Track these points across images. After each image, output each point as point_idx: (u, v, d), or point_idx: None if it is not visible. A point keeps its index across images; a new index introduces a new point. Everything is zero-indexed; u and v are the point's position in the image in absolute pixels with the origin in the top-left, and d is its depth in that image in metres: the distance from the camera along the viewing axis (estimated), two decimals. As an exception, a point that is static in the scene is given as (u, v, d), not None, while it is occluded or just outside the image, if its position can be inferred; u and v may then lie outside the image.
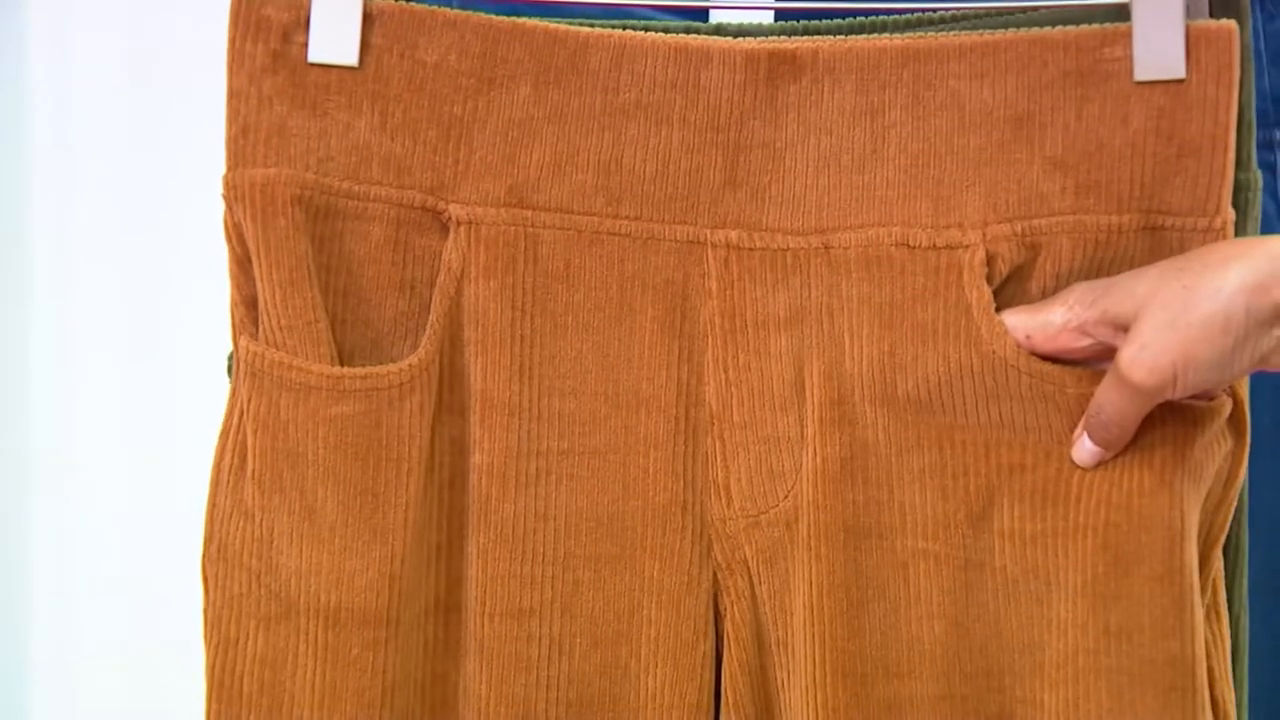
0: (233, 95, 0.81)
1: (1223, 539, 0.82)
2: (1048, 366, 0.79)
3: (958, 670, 0.81)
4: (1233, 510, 0.83)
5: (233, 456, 0.83)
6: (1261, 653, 0.98)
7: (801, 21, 0.84)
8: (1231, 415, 0.81)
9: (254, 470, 0.82)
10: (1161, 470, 0.79)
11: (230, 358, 0.84)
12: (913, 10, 0.84)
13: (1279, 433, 0.99)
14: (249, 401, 0.82)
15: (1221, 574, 0.83)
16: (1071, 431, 0.80)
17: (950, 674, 0.81)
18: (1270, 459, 0.99)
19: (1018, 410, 0.80)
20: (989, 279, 0.81)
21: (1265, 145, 1.01)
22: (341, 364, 0.82)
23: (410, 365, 0.81)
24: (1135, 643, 0.79)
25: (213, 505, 0.83)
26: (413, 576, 0.83)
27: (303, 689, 0.82)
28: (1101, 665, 0.79)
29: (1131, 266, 0.80)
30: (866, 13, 0.84)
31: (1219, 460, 0.81)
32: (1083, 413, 0.79)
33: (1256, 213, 0.83)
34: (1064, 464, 0.80)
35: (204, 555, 0.83)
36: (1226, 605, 0.83)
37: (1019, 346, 0.79)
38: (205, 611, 0.83)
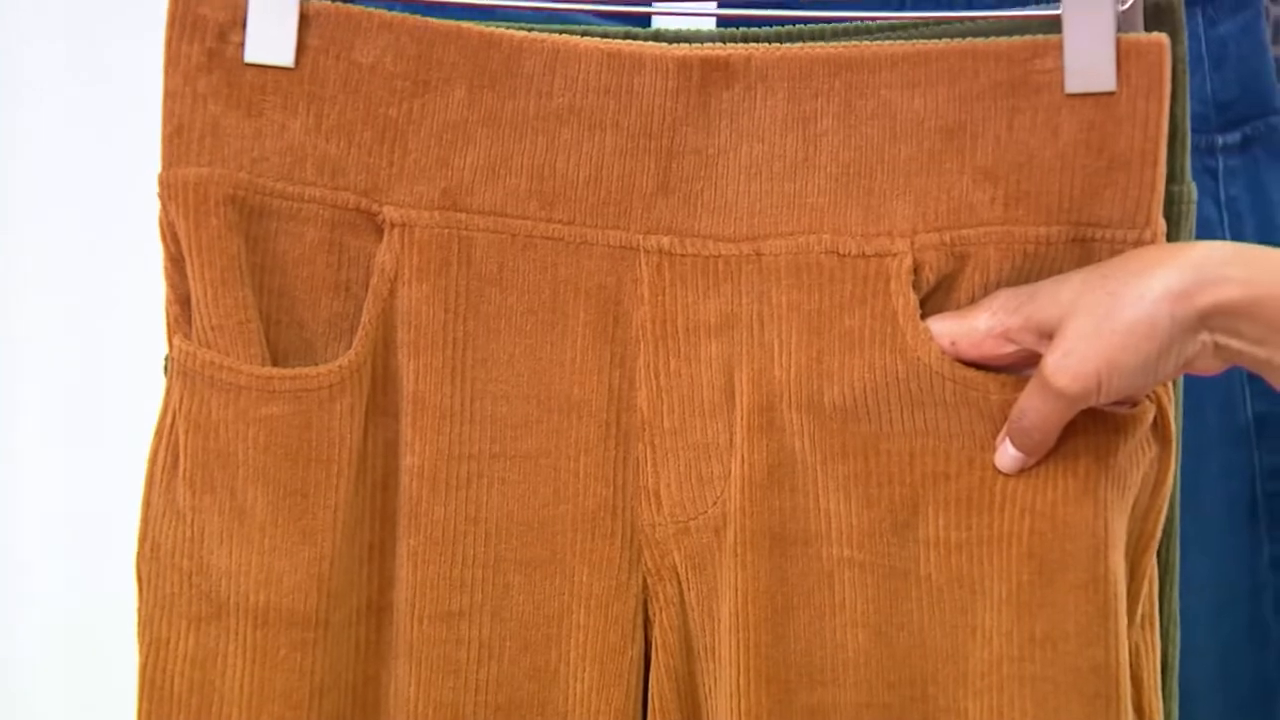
0: (168, 94, 0.81)
1: (1154, 546, 0.83)
2: (971, 373, 0.80)
3: (881, 679, 0.82)
4: (1162, 518, 0.83)
5: (166, 456, 0.83)
6: (1208, 659, 0.99)
7: (740, 29, 0.84)
8: (1155, 422, 0.81)
9: (185, 470, 0.82)
10: (1085, 478, 0.79)
11: (167, 358, 0.84)
12: (849, 19, 0.84)
13: (1225, 436, 0.99)
14: (181, 401, 0.82)
15: (1156, 582, 0.83)
16: (995, 438, 0.80)
17: (874, 682, 0.82)
18: (1216, 463, 1.00)
19: (942, 417, 0.80)
20: (916, 287, 0.81)
21: (1207, 150, 1.01)
22: (275, 365, 0.82)
23: (341, 366, 0.82)
24: (1060, 650, 0.79)
25: (147, 505, 0.83)
26: (343, 578, 0.83)
27: (232, 689, 0.82)
28: (1026, 673, 0.79)
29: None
30: (803, 20, 0.84)
31: (1144, 467, 0.81)
32: (1006, 419, 0.79)
33: (1191, 224, 0.83)
34: (987, 472, 0.80)
35: (138, 555, 0.83)
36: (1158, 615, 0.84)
37: (943, 353, 0.80)
38: (139, 611, 0.83)
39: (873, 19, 0.84)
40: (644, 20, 0.92)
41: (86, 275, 1.42)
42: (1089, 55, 0.79)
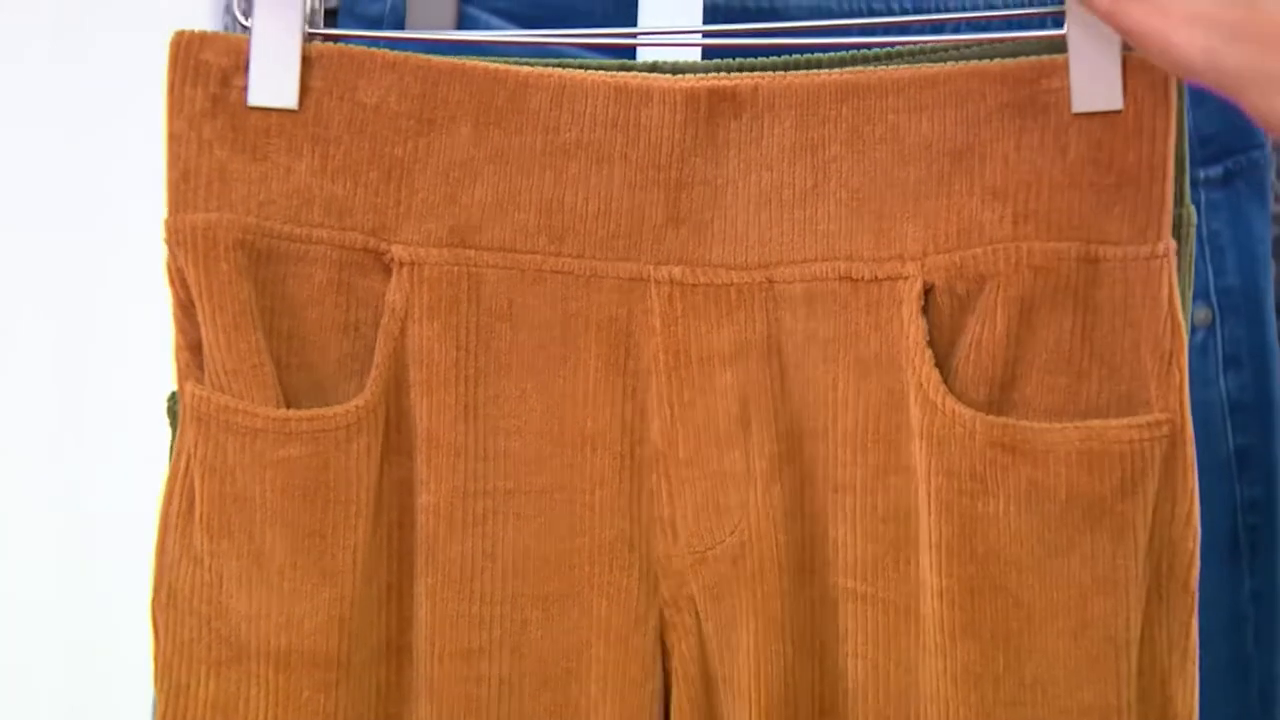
0: (173, 139, 0.81)
1: (1190, 580, 0.81)
2: (961, 407, 0.79)
3: (877, 713, 0.82)
4: (1190, 550, 0.81)
5: (180, 501, 0.82)
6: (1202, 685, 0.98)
7: (737, 59, 0.84)
8: (1169, 455, 0.80)
9: (202, 515, 0.82)
10: (1073, 530, 0.78)
11: (171, 399, 0.84)
12: (847, 47, 0.84)
13: (1206, 469, 0.99)
14: (196, 446, 0.82)
15: (1194, 616, 0.82)
16: (975, 482, 0.79)
17: (870, 716, 0.82)
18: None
19: (935, 452, 0.80)
20: (928, 310, 0.81)
21: (1189, 184, 1.01)
22: (287, 407, 0.81)
23: (357, 407, 0.81)
24: (1049, 694, 0.79)
25: (161, 551, 0.83)
26: (362, 618, 0.82)
27: None
28: (1016, 716, 0.79)
29: (1072, 297, 0.80)
30: (797, 49, 0.84)
31: (1148, 504, 0.79)
32: (988, 463, 0.78)
33: (1191, 249, 0.83)
34: (968, 521, 0.79)
35: (153, 602, 0.82)
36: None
37: (940, 383, 0.79)
38: (155, 658, 0.82)
39: (875, 45, 0.84)
40: (630, 53, 0.92)
41: (83, 322, 1.41)
42: (1095, 74, 0.79)
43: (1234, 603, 1.04)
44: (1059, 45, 0.80)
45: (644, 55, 0.90)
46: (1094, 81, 0.79)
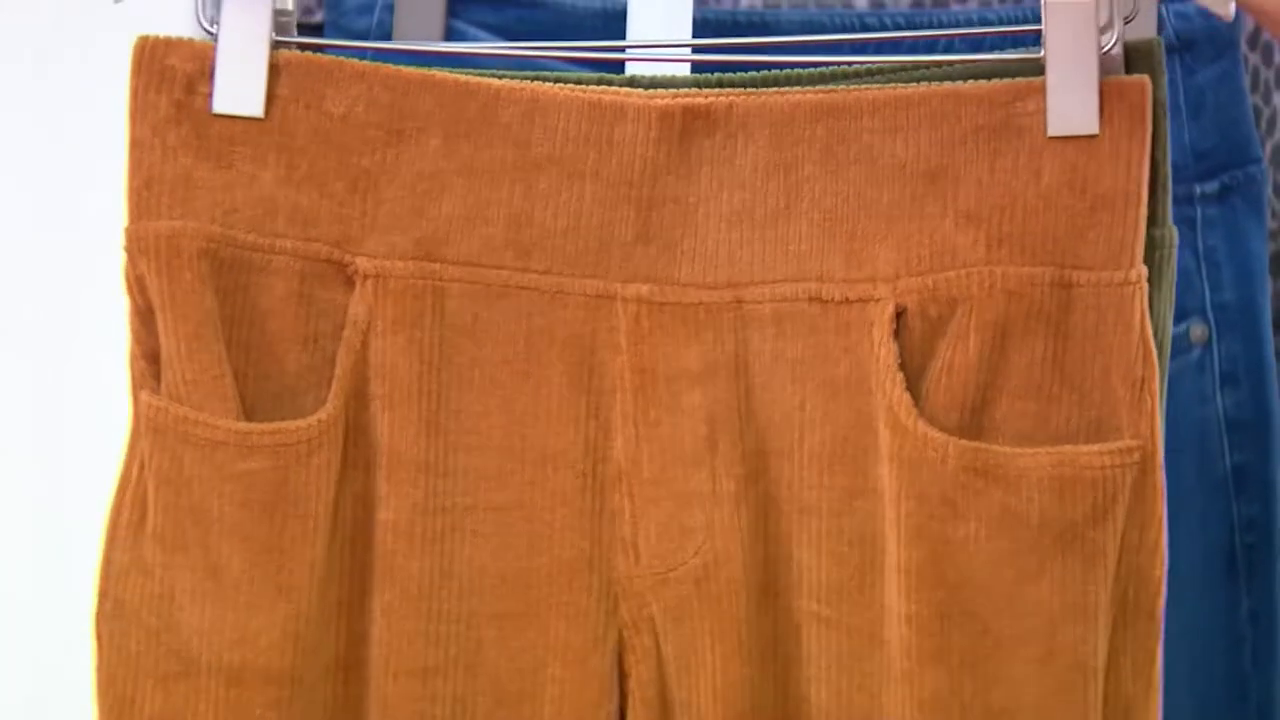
0: (135, 145, 0.80)
1: (1156, 609, 0.80)
2: (934, 432, 0.78)
3: None
4: (1158, 580, 0.80)
5: (130, 512, 0.81)
6: (1186, 714, 0.97)
7: (716, 75, 0.83)
8: (1139, 481, 0.79)
9: (155, 526, 0.81)
10: (1044, 555, 0.77)
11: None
12: (827, 64, 0.83)
13: (1203, 487, 0.98)
14: (151, 457, 0.81)
15: (1159, 645, 0.81)
16: (946, 506, 0.78)
17: None
18: (1194, 515, 0.99)
19: (905, 476, 0.78)
20: (900, 333, 0.79)
21: (1185, 199, 1.01)
22: (245, 419, 0.80)
23: (320, 421, 0.80)
24: None
25: (108, 561, 0.82)
26: (315, 634, 0.81)
27: None
28: None
29: (1044, 322, 0.79)
30: (780, 65, 0.83)
31: (1118, 531, 0.78)
32: (959, 487, 0.77)
33: (1172, 271, 0.82)
34: (937, 545, 0.78)
35: (97, 613, 0.81)
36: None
37: (912, 407, 0.78)
38: (98, 670, 0.81)
39: (853, 63, 0.84)
40: (619, 67, 0.91)
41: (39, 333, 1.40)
42: (1072, 98, 0.78)
43: (1231, 623, 1.03)
44: (1038, 67, 0.79)
45: (632, 69, 0.90)
46: (1070, 105, 0.78)
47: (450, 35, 1.04)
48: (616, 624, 0.83)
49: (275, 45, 0.81)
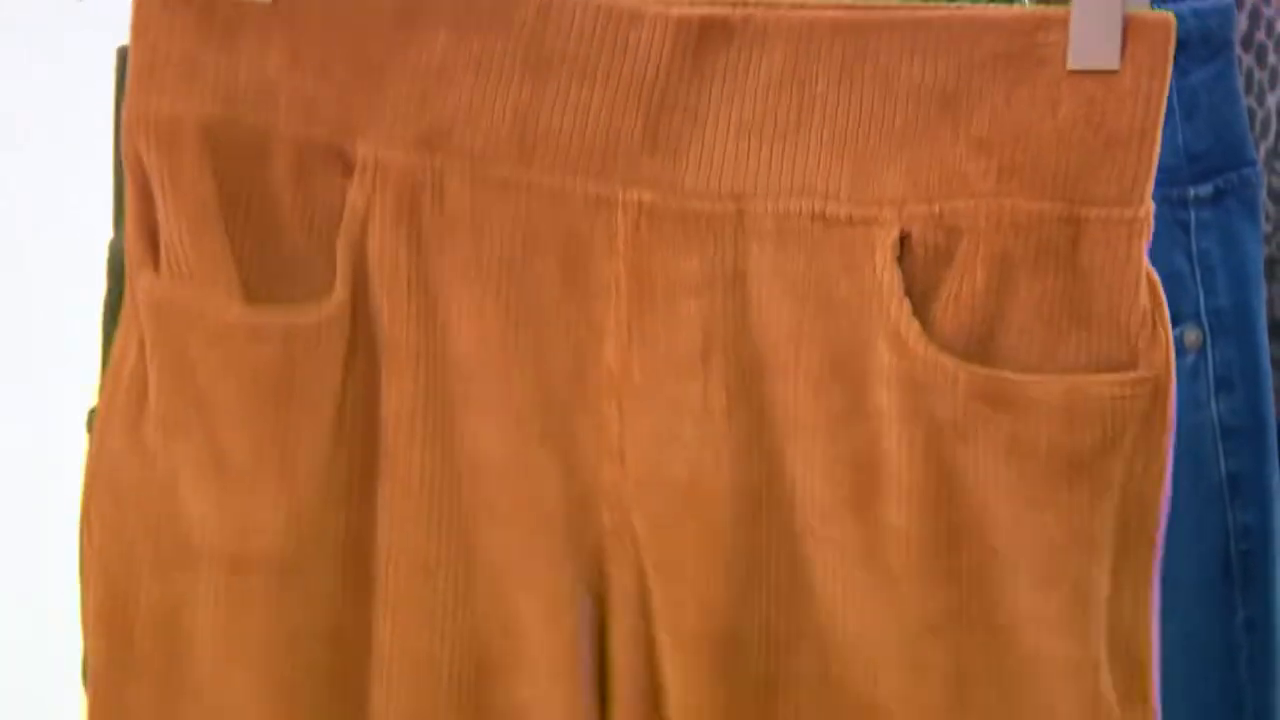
0: (140, 26, 0.79)
1: (1157, 536, 0.80)
2: (945, 358, 0.78)
3: (835, 655, 0.81)
4: (1160, 509, 0.81)
5: (127, 397, 0.81)
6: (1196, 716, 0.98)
7: None
8: (1148, 412, 0.79)
9: (156, 413, 0.80)
10: (1052, 485, 0.78)
11: (92, 414, 0.81)
12: None
13: (1198, 495, 0.98)
14: (151, 341, 0.80)
15: (1156, 571, 0.81)
16: (951, 431, 0.78)
17: (826, 654, 0.81)
18: (1189, 522, 0.97)
19: (911, 401, 0.79)
20: (904, 258, 0.79)
21: (1179, 202, 0.99)
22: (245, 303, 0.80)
23: (328, 308, 0.80)
24: (1020, 643, 0.79)
25: (101, 449, 0.81)
26: (318, 524, 0.81)
27: (203, 636, 0.81)
28: (984, 663, 0.80)
29: (1054, 256, 0.78)
30: None
31: (1126, 461, 0.79)
32: (968, 414, 0.78)
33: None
34: (945, 469, 0.79)
35: (88, 499, 0.81)
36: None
37: (921, 332, 0.78)
38: (87, 562, 0.81)
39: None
40: None
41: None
42: (1095, 31, 0.77)
43: (1227, 632, 1.02)
44: None
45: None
46: (1093, 39, 0.77)
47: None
48: (597, 530, 0.83)
49: (287, -74, 0.79)
